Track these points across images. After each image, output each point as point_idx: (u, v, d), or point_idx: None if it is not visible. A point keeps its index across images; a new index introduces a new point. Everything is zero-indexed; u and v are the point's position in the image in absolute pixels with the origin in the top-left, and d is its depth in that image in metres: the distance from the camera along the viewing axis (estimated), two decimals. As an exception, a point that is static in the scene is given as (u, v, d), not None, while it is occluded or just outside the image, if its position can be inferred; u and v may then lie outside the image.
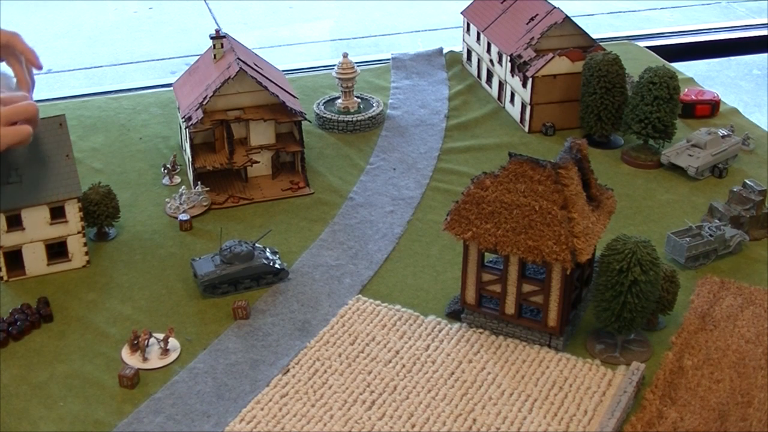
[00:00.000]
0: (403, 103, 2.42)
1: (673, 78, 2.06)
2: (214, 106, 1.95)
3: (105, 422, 1.40)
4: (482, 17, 2.47)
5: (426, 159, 2.15)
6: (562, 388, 1.45)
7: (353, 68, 2.28)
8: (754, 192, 1.82)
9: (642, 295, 1.44)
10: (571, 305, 1.52)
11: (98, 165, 2.11)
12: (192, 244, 1.83)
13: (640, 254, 1.43)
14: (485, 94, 2.46)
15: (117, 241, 1.84)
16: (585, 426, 1.38)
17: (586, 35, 2.26)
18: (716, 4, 6.40)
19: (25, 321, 1.58)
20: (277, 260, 1.71)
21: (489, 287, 1.53)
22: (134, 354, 1.52)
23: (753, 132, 2.24)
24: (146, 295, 1.68)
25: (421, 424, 1.39)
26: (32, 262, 1.71)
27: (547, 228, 1.43)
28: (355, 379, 1.47)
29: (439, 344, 1.55)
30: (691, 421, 1.38)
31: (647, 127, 2.07)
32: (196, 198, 1.94)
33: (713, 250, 1.75)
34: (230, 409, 1.42)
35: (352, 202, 1.97)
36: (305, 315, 1.63)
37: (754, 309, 1.62)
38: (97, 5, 6.11)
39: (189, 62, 2.22)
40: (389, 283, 1.72)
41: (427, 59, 2.66)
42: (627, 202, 1.95)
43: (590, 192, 1.53)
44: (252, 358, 1.52)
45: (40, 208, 1.67)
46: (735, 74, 5.22)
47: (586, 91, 2.15)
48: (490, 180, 1.49)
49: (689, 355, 1.51)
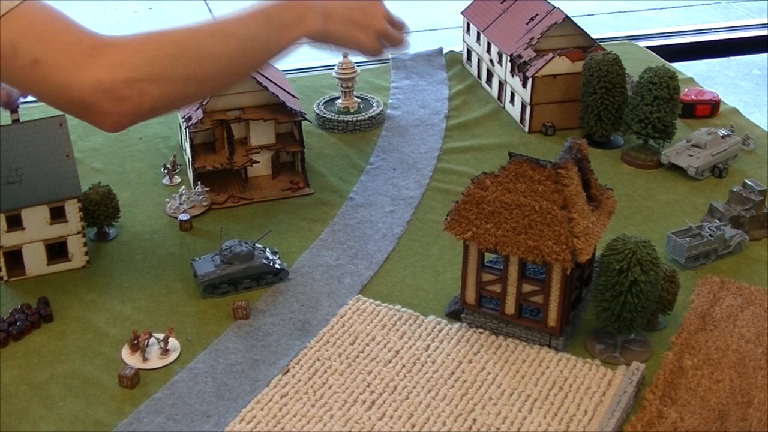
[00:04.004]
0: (403, 103, 2.42)
1: (673, 78, 2.06)
2: (214, 106, 1.95)
3: (105, 422, 1.40)
4: (482, 17, 2.47)
5: (426, 159, 2.15)
6: (562, 388, 1.45)
7: (353, 68, 2.28)
8: (754, 192, 1.82)
9: (642, 295, 1.44)
10: (571, 305, 1.52)
11: (98, 165, 2.11)
12: (192, 244, 1.83)
13: (640, 254, 1.43)
14: (485, 94, 2.46)
15: (117, 241, 1.84)
16: (585, 426, 1.38)
17: (586, 35, 2.26)
18: (716, 4, 6.40)
19: (25, 321, 1.58)
20: (277, 260, 1.71)
21: (489, 287, 1.53)
22: (134, 354, 1.52)
23: (753, 132, 2.24)
24: (146, 295, 1.68)
25: (421, 424, 1.39)
26: (32, 262, 1.71)
27: (547, 228, 1.43)
28: (355, 379, 1.47)
29: (439, 344, 1.55)
30: (691, 421, 1.38)
31: (647, 127, 2.07)
32: (196, 198, 1.94)
33: (713, 250, 1.75)
34: (230, 409, 1.42)
35: (352, 202, 1.97)
36: (305, 315, 1.63)
37: (754, 309, 1.62)
38: (97, 5, 6.11)
39: (189, 62, 2.21)
40: (389, 283, 1.72)
41: (427, 59, 2.66)
42: (627, 202, 1.95)
43: (590, 192, 1.53)
44: (252, 358, 1.52)
45: (40, 208, 1.67)
46: (735, 74, 5.22)
47: (586, 91, 2.15)
48: (490, 180, 1.49)
49: (689, 355, 1.51)
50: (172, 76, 1.42)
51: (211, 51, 1.47)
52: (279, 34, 1.56)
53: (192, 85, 1.47)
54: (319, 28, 1.60)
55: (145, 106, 1.39)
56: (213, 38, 1.49)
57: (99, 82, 1.34)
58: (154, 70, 1.40)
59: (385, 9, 1.72)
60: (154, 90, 1.39)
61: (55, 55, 1.34)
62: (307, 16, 1.58)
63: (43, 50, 1.32)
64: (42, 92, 1.38)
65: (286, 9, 1.56)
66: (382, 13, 1.71)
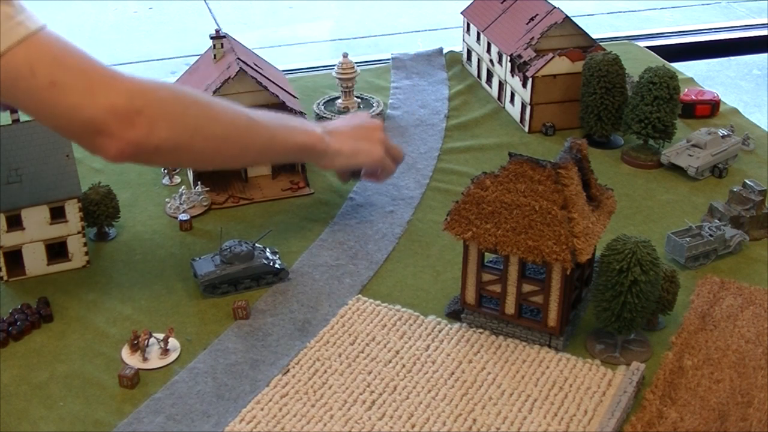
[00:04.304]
0: (403, 103, 2.42)
1: (673, 78, 2.06)
2: (214, 106, 1.95)
3: (105, 422, 1.40)
4: (482, 17, 2.47)
5: (426, 159, 2.15)
6: (562, 388, 1.45)
7: (353, 68, 2.28)
8: (754, 192, 1.82)
9: (642, 295, 1.44)
10: (571, 305, 1.52)
11: (98, 165, 2.10)
12: (192, 244, 1.83)
13: (640, 254, 1.43)
14: (485, 94, 2.46)
15: (117, 241, 1.84)
16: (585, 426, 1.38)
17: (586, 35, 2.26)
18: (716, 4, 6.41)
19: (25, 321, 1.58)
20: (277, 260, 1.71)
21: (489, 287, 1.53)
22: (134, 354, 1.52)
23: (753, 132, 2.24)
24: (146, 295, 1.68)
25: (421, 424, 1.39)
26: (32, 262, 1.71)
27: (547, 228, 1.43)
28: (355, 379, 1.47)
29: (439, 344, 1.55)
30: (691, 421, 1.38)
31: (647, 127, 2.07)
32: (196, 198, 1.94)
33: (713, 250, 1.75)
34: (230, 409, 1.42)
35: (352, 202, 1.97)
36: (305, 315, 1.63)
37: (754, 309, 1.62)
38: (97, 5, 6.12)
39: (189, 62, 2.22)
40: (389, 283, 1.72)
41: (427, 59, 2.66)
42: (627, 202, 1.95)
43: (590, 192, 1.53)
44: (252, 358, 1.52)
45: (40, 208, 1.67)
46: (735, 74, 5.22)
47: (586, 91, 2.15)
48: (490, 180, 1.49)
49: (689, 355, 1.51)
50: (182, 122, 1.49)
51: (221, 115, 1.57)
52: (286, 131, 1.69)
53: (198, 138, 1.52)
54: (326, 140, 1.73)
55: (151, 141, 1.43)
56: (225, 106, 1.59)
57: (113, 106, 1.38)
58: (166, 111, 1.46)
59: (384, 130, 1.86)
60: (163, 128, 1.44)
61: (73, 78, 1.37)
62: (314, 127, 1.75)
63: (60, 73, 1.36)
64: (53, 115, 1.41)
65: (293, 117, 1.80)
66: (383, 131, 1.85)
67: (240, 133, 1.60)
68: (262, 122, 1.64)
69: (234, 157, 1.66)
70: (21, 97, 1.38)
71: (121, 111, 1.38)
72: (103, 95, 1.37)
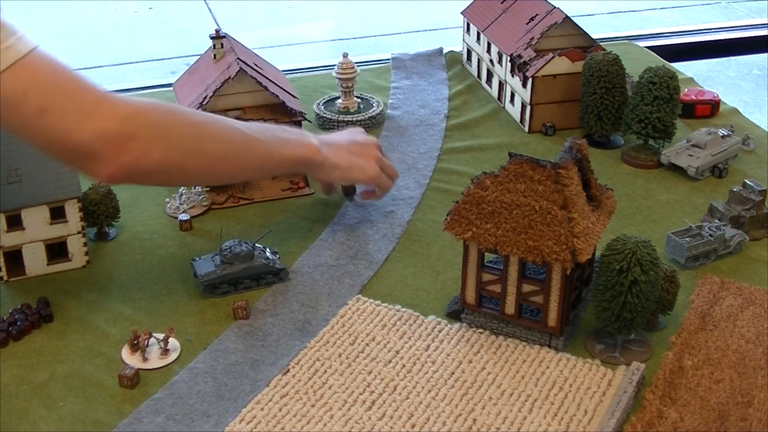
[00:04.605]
0: (403, 103, 2.42)
1: (673, 78, 2.06)
2: (214, 106, 1.94)
3: (105, 422, 1.40)
4: (482, 17, 2.47)
5: (426, 159, 2.15)
6: (562, 388, 1.45)
7: (353, 68, 2.28)
8: (754, 192, 1.82)
9: (642, 295, 1.44)
10: (571, 305, 1.52)
11: (98, 165, 2.11)
12: (192, 244, 1.83)
13: (640, 254, 1.43)
14: (485, 94, 2.46)
15: (117, 241, 1.84)
16: (585, 426, 1.38)
17: (586, 35, 2.26)
18: (716, 4, 6.41)
19: (25, 321, 1.58)
20: (277, 260, 1.71)
21: (489, 287, 1.53)
22: (134, 354, 1.52)
23: (753, 132, 2.24)
24: (146, 295, 1.68)
25: (421, 424, 1.39)
26: (32, 262, 1.71)
27: (547, 228, 1.43)
28: (355, 379, 1.47)
29: (439, 344, 1.55)
30: (691, 421, 1.38)
31: (647, 127, 2.07)
32: (196, 198, 1.94)
33: (713, 250, 1.75)
34: (230, 409, 1.42)
35: (352, 201, 1.97)
36: (305, 315, 1.63)
37: (754, 309, 1.62)
38: (97, 5, 6.12)
39: (189, 62, 2.22)
40: (389, 283, 1.72)
41: (427, 59, 2.66)
42: (627, 202, 1.95)
43: (590, 192, 1.53)
44: (252, 358, 1.52)
45: (40, 208, 1.67)
46: (735, 74, 5.23)
47: (586, 91, 2.15)
48: (490, 180, 1.49)
49: (689, 355, 1.51)
50: (175, 144, 1.48)
51: (216, 134, 1.56)
52: (282, 144, 1.67)
53: (192, 159, 1.52)
54: (323, 152, 1.72)
55: (143, 164, 1.43)
56: (219, 124, 1.58)
57: (105, 131, 1.38)
58: (159, 133, 1.45)
59: (379, 148, 1.85)
60: (155, 151, 1.44)
61: (63, 103, 1.37)
62: (310, 139, 1.73)
63: (51, 99, 1.36)
64: (44, 140, 1.40)
65: (289, 129, 1.75)
66: (378, 149, 1.84)
67: (236, 150, 1.59)
68: (258, 138, 1.63)
69: (230, 174, 1.66)
70: (12, 122, 1.38)
71: (112, 135, 1.38)
72: (93, 120, 1.37)
